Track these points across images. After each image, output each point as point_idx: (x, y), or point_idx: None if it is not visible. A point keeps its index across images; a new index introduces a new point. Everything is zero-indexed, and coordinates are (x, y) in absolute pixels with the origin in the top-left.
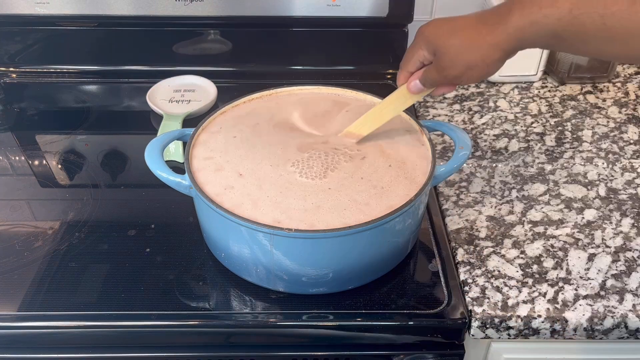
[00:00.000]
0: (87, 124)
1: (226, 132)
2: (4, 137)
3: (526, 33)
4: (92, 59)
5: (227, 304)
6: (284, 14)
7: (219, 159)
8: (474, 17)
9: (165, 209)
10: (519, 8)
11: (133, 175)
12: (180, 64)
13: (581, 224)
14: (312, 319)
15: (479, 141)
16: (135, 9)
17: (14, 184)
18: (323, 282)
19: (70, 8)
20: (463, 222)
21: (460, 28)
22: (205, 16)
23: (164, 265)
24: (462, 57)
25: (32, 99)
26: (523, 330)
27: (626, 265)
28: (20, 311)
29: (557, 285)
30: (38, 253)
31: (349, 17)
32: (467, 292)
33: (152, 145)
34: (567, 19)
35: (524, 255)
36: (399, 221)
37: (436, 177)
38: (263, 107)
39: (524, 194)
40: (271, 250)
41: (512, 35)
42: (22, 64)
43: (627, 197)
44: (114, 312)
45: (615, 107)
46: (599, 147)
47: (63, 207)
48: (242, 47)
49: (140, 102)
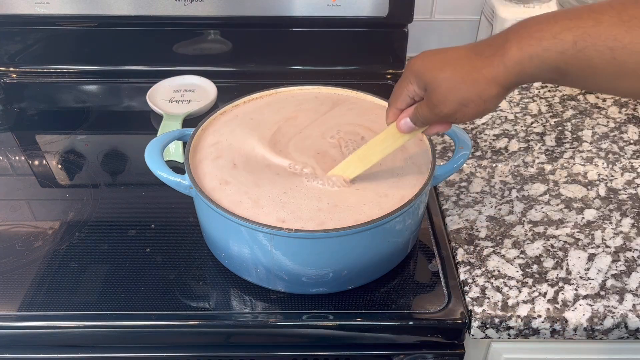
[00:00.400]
0: (87, 124)
1: (227, 132)
2: (4, 137)
3: (525, 67)
4: (92, 59)
5: (227, 304)
6: (284, 14)
7: (219, 159)
8: (468, 48)
9: (165, 209)
10: (516, 40)
11: (133, 175)
12: (180, 64)
13: (581, 224)
14: (312, 319)
15: (479, 141)
16: (135, 9)
17: (14, 184)
18: (323, 282)
19: (70, 8)
20: (463, 222)
21: (453, 60)
22: (205, 16)
23: (164, 265)
24: (456, 93)
25: (32, 99)
26: (523, 330)
27: (626, 265)
28: (20, 311)
29: (557, 285)
30: (38, 253)
31: (349, 17)
32: (467, 292)
33: (152, 145)
34: (570, 52)
35: (524, 255)
36: (399, 221)
37: (436, 177)
38: (263, 107)
39: (524, 194)
40: (271, 250)
41: (511, 69)
42: (22, 64)
43: (627, 197)
44: (114, 312)
45: (615, 107)
46: (599, 147)
47: (63, 207)
48: (242, 47)
49: (140, 102)
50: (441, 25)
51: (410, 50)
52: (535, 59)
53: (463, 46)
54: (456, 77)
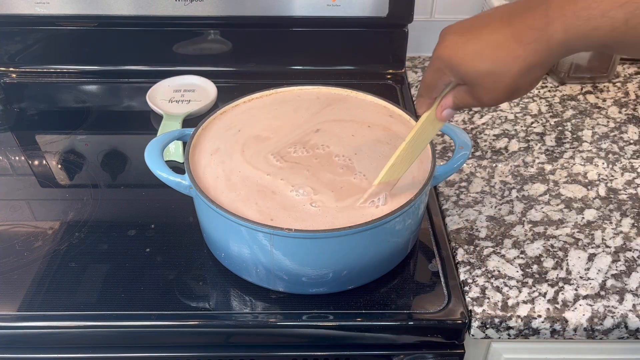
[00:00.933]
0: (87, 124)
1: (227, 132)
2: (4, 137)
3: (571, 46)
4: (92, 59)
5: (227, 304)
6: (284, 14)
7: (219, 159)
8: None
9: (165, 209)
10: (560, 21)
11: (133, 175)
12: (180, 64)
13: (581, 224)
14: (312, 319)
15: (479, 141)
16: (135, 9)
17: (14, 184)
18: (323, 282)
19: (70, 8)
20: (463, 222)
21: (490, 50)
22: (205, 16)
23: (164, 265)
24: (500, 86)
25: (32, 99)
26: (523, 330)
27: (626, 265)
28: (20, 311)
29: (557, 285)
30: (38, 253)
31: (349, 17)
32: (467, 292)
33: (152, 145)
34: (621, 30)
35: (524, 255)
36: (398, 221)
37: (436, 177)
38: (263, 107)
39: (524, 194)
40: (271, 250)
41: (555, 52)
42: (22, 64)
43: (627, 197)
44: (114, 312)
45: (615, 107)
46: (599, 147)
47: (63, 207)
48: (242, 47)
49: (140, 102)
50: (441, 25)
51: (410, 50)
52: (582, 40)
53: (494, 25)
54: (499, 70)
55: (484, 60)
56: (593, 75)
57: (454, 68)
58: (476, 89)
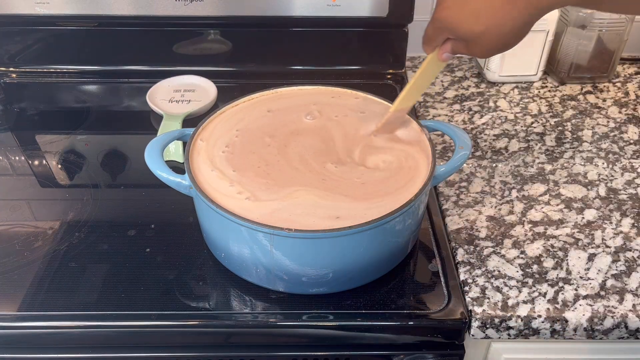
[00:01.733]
0: (87, 124)
1: (227, 132)
2: (4, 137)
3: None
4: (92, 59)
5: (227, 304)
6: (283, 14)
7: (219, 159)
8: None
9: (165, 209)
10: None
11: (133, 175)
12: (180, 64)
13: (581, 224)
14: (312, 319)
15: (479, 141)
16: (135, 9)
17: (14, 184)
18: (323, 282)
19: (70, 8)
20: (463, 222)
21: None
22: (205, 16)
23: (164, 265)
24: (493, 43)
25: (32, 99)
26: (523, 330)
27: (626, 265)
28: (20, 311)
29: (557, 285)
30: (38, 253)
31: (349, 17)
32: (467, 292)
33: (152, 145)
34: None
35: (524, 255)
36: (399, 221)
37: (436, 177)
38: (263, 107)
39: (524, 194)
40: (271, 250)
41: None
42: (22, 64)
43: (627, 197)
44: (114, 312)
45: (615, 107)
46: (599, 147)
47: (63, 207)
48: (242, 47)
49: (140, 102)
50: None
51: (410, 50)
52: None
53: None
54: (494, 30)
55: (479, 22)
56: (593, 75)
57: (452, 29)
58: (471, 44)
